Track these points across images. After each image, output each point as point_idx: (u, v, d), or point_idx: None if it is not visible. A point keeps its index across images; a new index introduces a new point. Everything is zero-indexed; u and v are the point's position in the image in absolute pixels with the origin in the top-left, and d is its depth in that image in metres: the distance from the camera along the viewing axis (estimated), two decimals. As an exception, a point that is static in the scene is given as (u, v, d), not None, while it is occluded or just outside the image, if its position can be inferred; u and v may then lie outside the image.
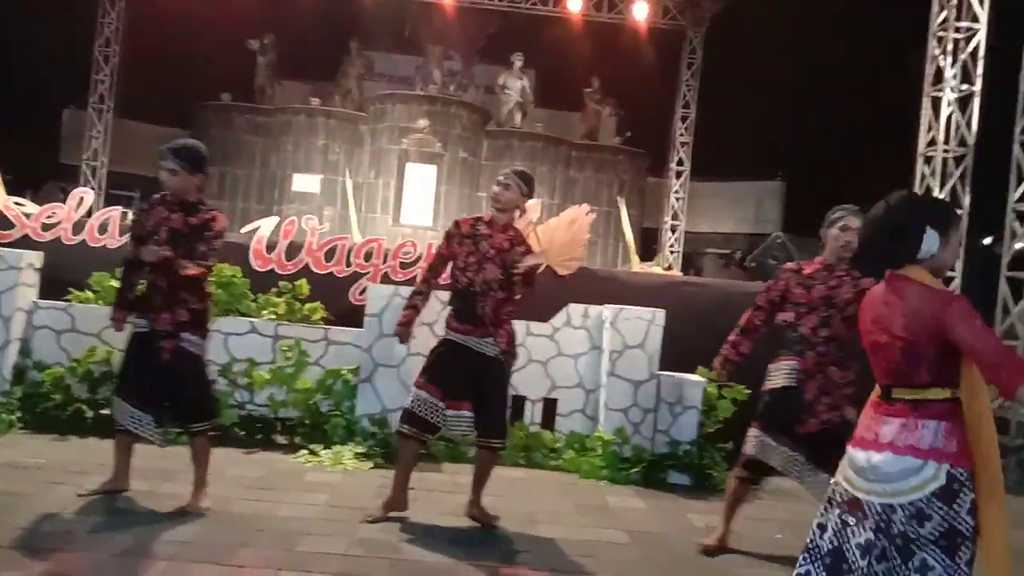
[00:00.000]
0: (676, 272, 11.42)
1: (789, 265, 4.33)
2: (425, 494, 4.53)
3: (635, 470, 5.31)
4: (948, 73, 6.97)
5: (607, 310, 5.62)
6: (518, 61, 14.60)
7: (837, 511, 2.50)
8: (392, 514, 4.12)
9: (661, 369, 5.52)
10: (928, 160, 7.06)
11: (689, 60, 14.39)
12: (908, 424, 2.39)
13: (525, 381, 5.62)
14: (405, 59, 16.00)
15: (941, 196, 6.96)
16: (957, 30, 6.98)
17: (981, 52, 6.94)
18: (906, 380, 2.42)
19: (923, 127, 7.10)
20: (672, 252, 14.91)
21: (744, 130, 15.87)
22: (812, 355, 4.01)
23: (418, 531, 3.97)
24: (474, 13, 14.66)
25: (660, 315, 5.51)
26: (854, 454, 2.48)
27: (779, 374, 4.10)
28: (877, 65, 12.94)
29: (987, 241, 8.78)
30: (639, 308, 5.54)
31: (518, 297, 4.17)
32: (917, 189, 7.10)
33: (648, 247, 16.01)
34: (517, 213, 4.21)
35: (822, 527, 2.54)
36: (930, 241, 2.41)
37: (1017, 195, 6.68)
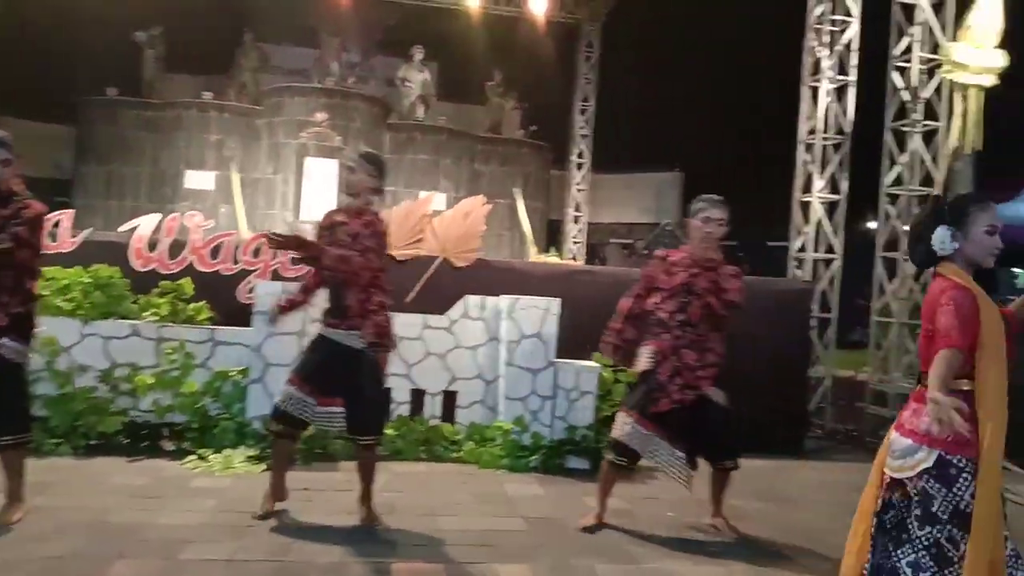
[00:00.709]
0: (573, 261, 11.59)
1: (658, 253, 4.45)
2: (319, 494, 4.45)
3: (534, 457, 5.35)
4: (825, 64, 7.27)
5: (503, 301, 5.63)
6: (418, 54, 14.45)
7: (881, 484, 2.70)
8: (279, 507, 4.07)
9: (558, 357, 5.58)
10: (809, 147, 7.35)
11: (586, 53, 14.57)
12: (918, 409, 2.59)
13: (424, 374, 5.58)
14: (301, 51, 15.59)
15: (821, 182, 7.28)
16: (833, 23, 7.29)
17: (854, 45, 7.27)
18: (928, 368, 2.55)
19: (803, 116, 7.39)
20: (576, 243, 15.10)
21: (643, 123, 16.22)
22: (668, 338, 4.16)
23: (309, 531, 3.89)
24: (372, 4, 14.44)
25: (555, 304, 5.56)
26: (891, 433, 2.69)
27: (642, 358, 4.24)
28: (763, 56, 13.42)
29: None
30: (535, 298, 5.58)
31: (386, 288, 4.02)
32: (799, 175, 7.41)
33: (554, 239, 16.20)
34: (373, 197, 4.06)
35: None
36: (942, 237, 2.58)
37: (889, 180, 7.05)
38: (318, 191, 13.30)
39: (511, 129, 16.42)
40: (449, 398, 5.67)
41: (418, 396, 5.60)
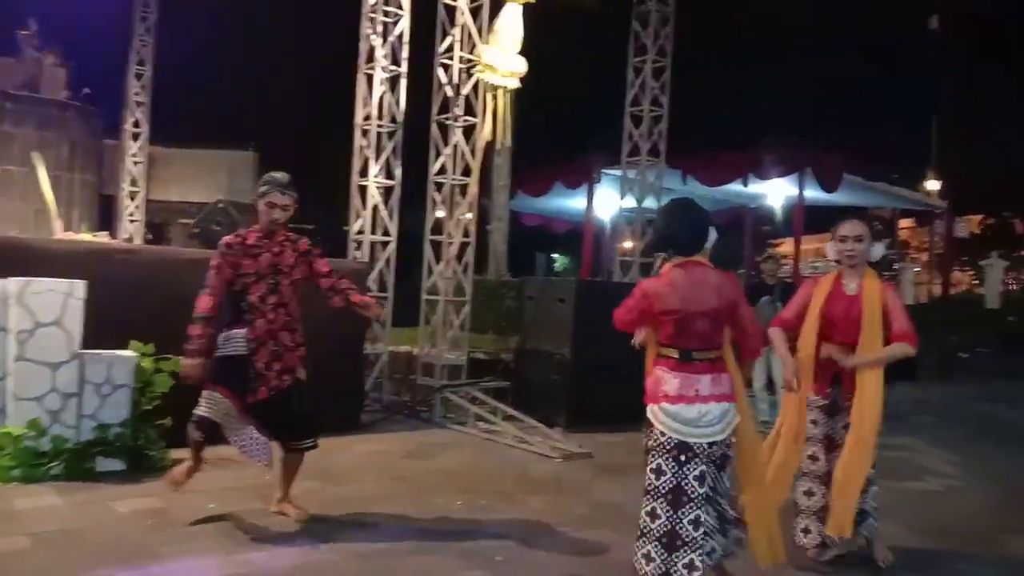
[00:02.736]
0: (109, 239, 10.52)
1: (229, 239, 4.19)
2: None
3: (55, 464, 4.68)
4: (379, 53, 7.54)
5: (12, 283, 4.80)
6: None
7: (669, 456, 3.13)
8: None
9: (86, 347, 4.94)
10: (365, 133, 7.57)
11: (143, 13, 13.24)
12: (715, 378, 3.17)
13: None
14: None
15: (377, 168, 7.56)
16: (386, 14, 7.58)
17: (406, 37, 7.66)
18: (708, 343, 3.18)
19: (359, 102, 7.59)
20: (133, 221, 13.71)
21: (215, 97, 15.33)
22: (263, 323, 4.05)
23: None
24: None
25: (79, 287, 4.91)
26: (678, 409, 3.12)
27: (230, 343, 4.02)
28: (331, 41, 13.57)
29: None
30: (53, 280, 4.86)
31: None
32: (356, 159, 7.60)
33: (107, 216, 14.51)
34: None
35: (657, 471, 3.15)
36: (712, 235, 3.33)
37: (435, 169, 7.59)
38: None
39: (54, 89, 14.29)
40: (-61, 404, 4.68)
41: None
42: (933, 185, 21.84)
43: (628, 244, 10.71)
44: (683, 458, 3.12)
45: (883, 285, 3.92)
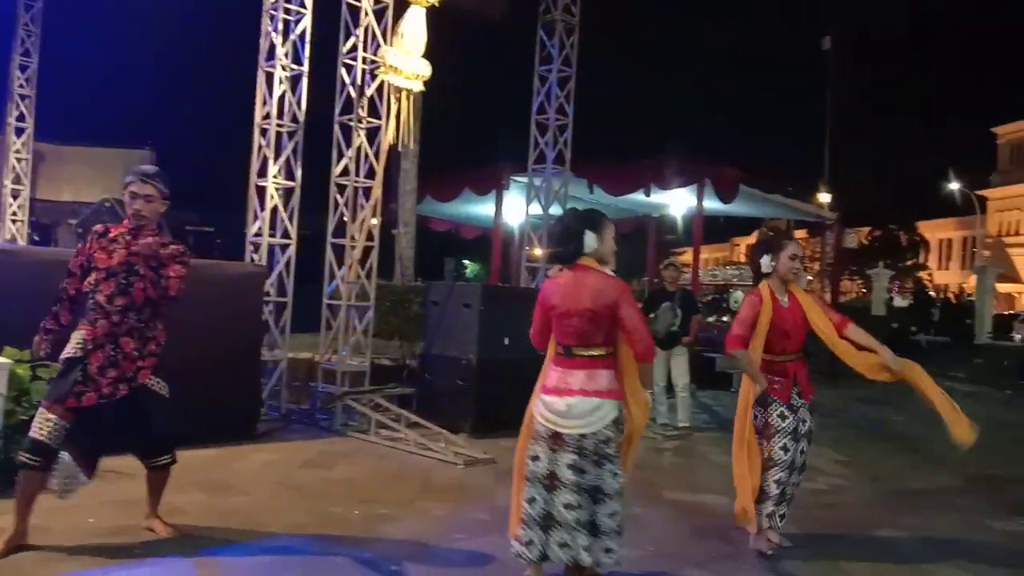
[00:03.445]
0: None
1: (96, 227, 3.98)
2: None
3: (-88, 481, 4.32)
4: (280, 51, 7.34)
5: None
6: None
7: (544, 444, 3.38)
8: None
9: (-47, 354, 4.60)
10: (264, 132, 7.36)
11: (27, 3, 12.50)
12: (590, 374, 3.34)
13: None
14: None
15: (276, 168, 7.35)
16: (287, 12, 7.39)
17: (308, 36, 7.48)
18: (586, 341, 3.36)
19: (259, 100, 7.37)
20: (15, 221, 12.91)
21: (108, 95, 14.61)
22: (105, 324, 3.76)
23: None
24: None
25: (-55, 289, 4.56)
26: (552, 400, 3.37)
27: (71, 344, 3.77)
28: (232, 38, 13.16)
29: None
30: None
31: None
32: (255, 159, 7.37)
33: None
34: None
35: (535, 458, 3.41)
36: (589, 239, 3.42)
37: (338, 170, 7.44)
38: None
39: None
40: None
41: None
42: (825, 198, 22.94)
43: (538, 251, 10.76)
44: (555, 447, 3.35)
45: (805, 291, 4.43)
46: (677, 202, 14.37)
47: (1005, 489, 6.22)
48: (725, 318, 15.11)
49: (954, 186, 40.74)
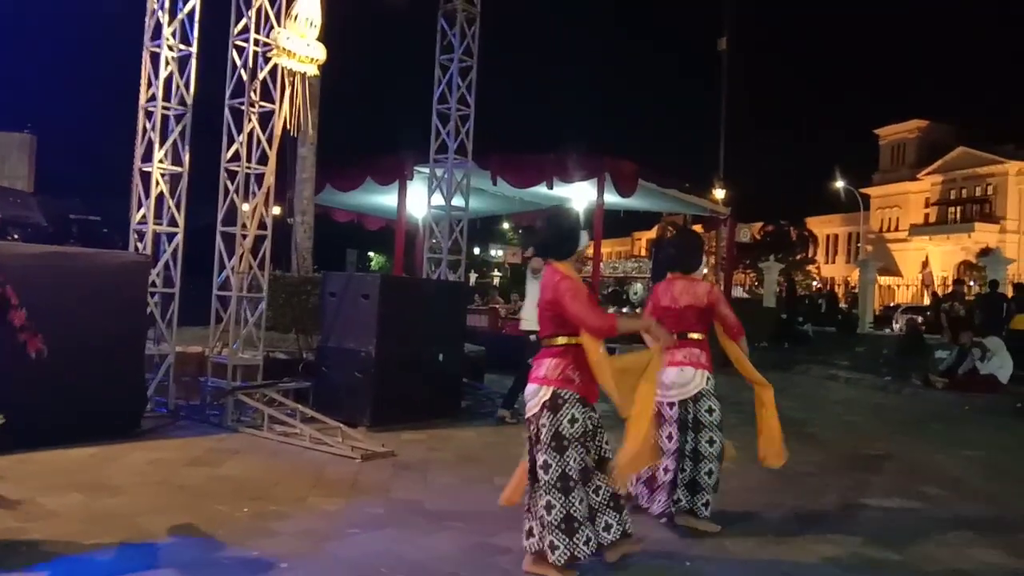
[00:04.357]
0: None
1: None
2: None
3: None
4: (167, 31, 6.98)
5: None
6: None
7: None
8: None
9: None
10: (149, 115, 7.00)
11: None
12: (546, 363, 3.70)
13: None
14: None
15: (161, 152, 7.00)
16: (173, -9, 7.04)
17: (197, 15, 7.14)
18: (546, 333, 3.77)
19: (144, 81, 6.99)
20: None
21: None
22: None
23: None
24: None
25: None
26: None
27: None
28: (115, 13, 12.45)
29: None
30: None
31: None
32: (139, 143, 7.00)
33: None
34: None
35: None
36: (583, 240, 3.87)
37: (228, 156, 7.15)
38: None
39: None
40: None
41: None
42: (719, 194, 23.69)
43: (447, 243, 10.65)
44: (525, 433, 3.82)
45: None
46: (578, 195, 14.54)
47: (882, 469, 6.56)
48: (624, 309, 15.41)
49: (840, 184, 42.96)
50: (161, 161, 7.00)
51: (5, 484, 3.91)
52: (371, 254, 48.88)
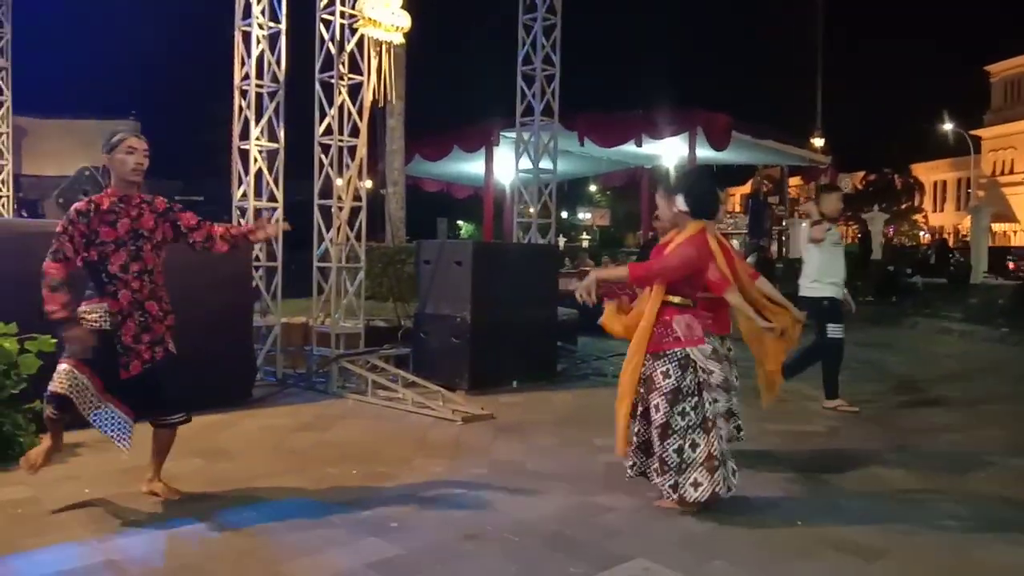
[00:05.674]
0: None
1: (80, 206, 3.85)
2: None
3: None
4: (256, 9, 7.14)
5: None
6: None
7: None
8: None
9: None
10: (244, 94, 7.20)
11: (-3, -30, 12.16)
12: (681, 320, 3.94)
13: None
14: None
15: (258, 130, 7.20)
16: (262, -31, 7.16)
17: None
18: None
19: (237, 61, 7.19)
20: (0, 197, 12.75)
21: (85, 65, 14.31)
22: (126, 293, 3.79)
23: None
24: None
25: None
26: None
27: (91, 317, 3.75)
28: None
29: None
30: None
31: None
32: (236, 122, 7.22)
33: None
34: None
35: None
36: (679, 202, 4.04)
37: (321, 130, 7.30)
38: None
39: None
40: None
41: None
42: (818, 142, 22.73)
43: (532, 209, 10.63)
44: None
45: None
46: (669, 152, 14.22)
47: (1008, 427, 6.22)
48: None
49: (948, 127, 40.50)
50: (258, 138, 7.21)
51: (133, 451, 4.17)
52: (460, 223, 49.34)
